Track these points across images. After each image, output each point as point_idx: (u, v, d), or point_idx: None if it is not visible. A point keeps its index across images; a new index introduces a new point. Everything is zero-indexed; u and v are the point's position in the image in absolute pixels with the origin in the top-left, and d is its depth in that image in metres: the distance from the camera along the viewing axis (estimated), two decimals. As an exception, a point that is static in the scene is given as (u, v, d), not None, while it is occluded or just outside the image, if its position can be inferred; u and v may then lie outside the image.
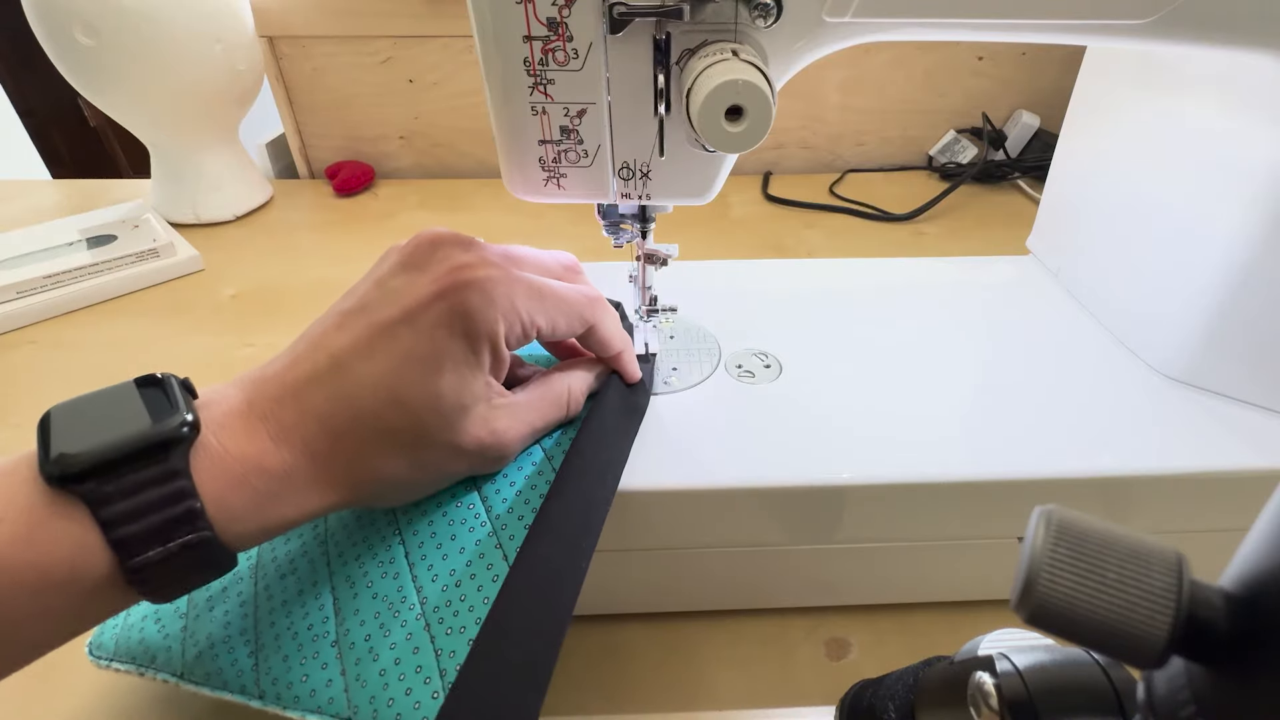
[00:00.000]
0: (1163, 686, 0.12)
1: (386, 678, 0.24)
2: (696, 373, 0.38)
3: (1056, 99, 0.81)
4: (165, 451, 0.21)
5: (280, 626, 0.26)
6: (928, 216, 0.73)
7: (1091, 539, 0.13)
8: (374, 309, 0.26)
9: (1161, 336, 0.39)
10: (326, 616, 0.26)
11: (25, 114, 1.56)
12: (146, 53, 0.63)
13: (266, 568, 0.28)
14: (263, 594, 0.27)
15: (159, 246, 0.63)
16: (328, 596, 0.26)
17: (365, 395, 0.24)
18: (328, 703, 0.24)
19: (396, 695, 0.23)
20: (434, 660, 0.24)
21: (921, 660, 0.22)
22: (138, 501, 0.20)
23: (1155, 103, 0.40)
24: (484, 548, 0.27)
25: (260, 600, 0.27)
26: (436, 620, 0.25)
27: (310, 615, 0.26)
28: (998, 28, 0.28)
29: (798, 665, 0.33)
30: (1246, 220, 0.34)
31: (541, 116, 0.29)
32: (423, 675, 0.24)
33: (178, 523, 0.21)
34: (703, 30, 0.27)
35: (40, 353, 0.54)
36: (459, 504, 0.28)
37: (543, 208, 0.76)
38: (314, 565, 0.28)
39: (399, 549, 0.27)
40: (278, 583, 0.27)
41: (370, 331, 0.25)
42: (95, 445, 0.21)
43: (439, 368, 0.25)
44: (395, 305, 0.25)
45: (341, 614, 0.26)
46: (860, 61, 0.80)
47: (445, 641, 0.24)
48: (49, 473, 0.20)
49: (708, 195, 0.33)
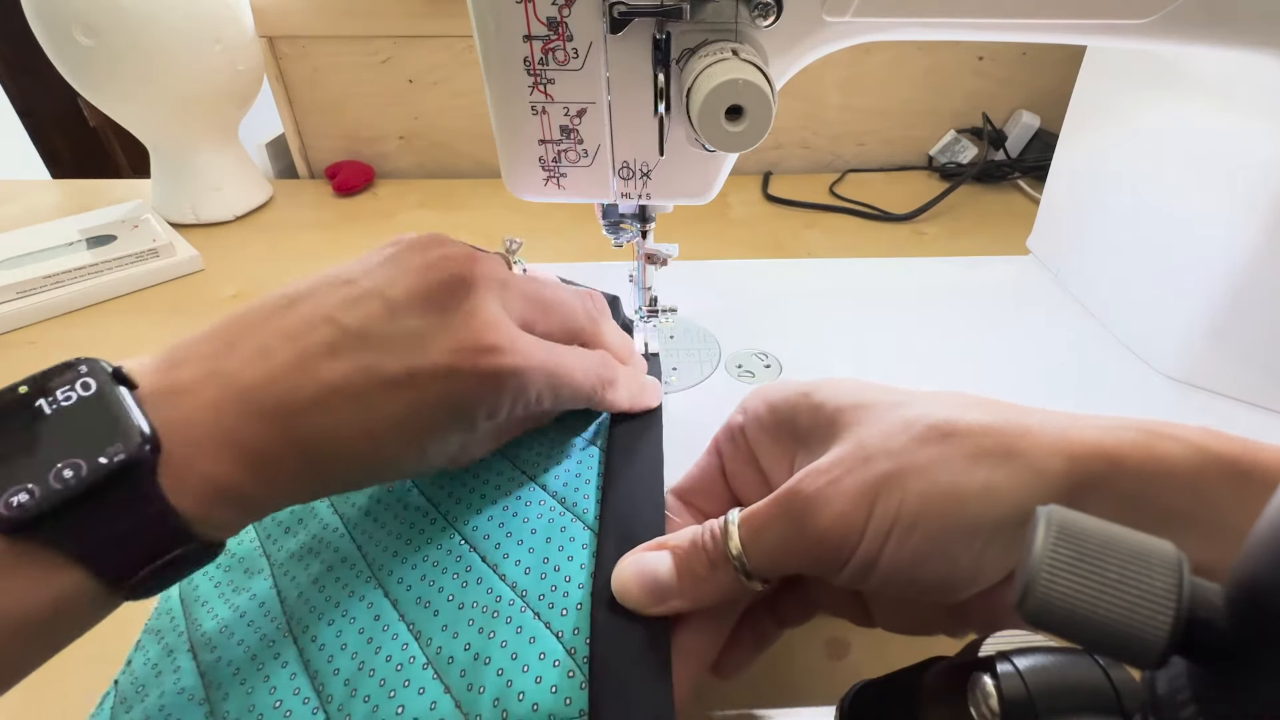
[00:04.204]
0: (1163, 687, 0.12)
1: (508, 675, 0.22)
2: (696, 373, 0.38)
3: (1056, 99, 0.81)
4: (131, 476, 0.19)
5: (348, 671, 0.24)
6: (928, 216, 0.73)
7: (1092, 539, 0.13)
8: (375, 346, 0.22)
9: (1161, 336, 0.39)
10: (406, 643, 0.24)
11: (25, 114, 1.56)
12: (146, 53, 0.63)
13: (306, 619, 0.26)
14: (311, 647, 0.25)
15: (159, 246, 0.63)
16: (400, 626, 0.24)
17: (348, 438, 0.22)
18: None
19: (526, 687, 0.22)
20: (557, 643, 0.23)
21: (921, 661, 0.22)
22: (115, 531, 0.19)
23: (1155, 103, 0.40)
24: (558, 522, 0.26)
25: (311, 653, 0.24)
26: (546, 606, 0.24)
27: (385, 649, 0.24)
28: (998, 28, 0.28)
29: (798, 665, 0.33)
30: (1246, 220, 0.34)
31: (541, 116, 0.29)
32: (550, 659, 0.22)
33: (163, 541, 0.20)
34: (703, 30, 0.27)
35: (40, 353, 0.54)
36: (515, 495, 0.28)
37: (543, 207, 0.76)
38: (372, 603, 0.25)
39: (471, 555, 0.26)
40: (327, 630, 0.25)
41: (367, 379, 0.22)
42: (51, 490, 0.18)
43: (428, 434, 0.23)
44: (401, 358, 0.22)
45: (426, 636, 0.24)
46: (860, 61, 0.80)
47: (561, 622, 0.23)
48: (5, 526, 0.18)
49: (708, 195, 0.33)
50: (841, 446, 0.22)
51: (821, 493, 0.21)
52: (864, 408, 0.23)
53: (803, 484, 0.21)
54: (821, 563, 0.21)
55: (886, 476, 0.20)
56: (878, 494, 0.20)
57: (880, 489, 0.20)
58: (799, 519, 0.21)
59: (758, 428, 0.26)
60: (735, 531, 0.22)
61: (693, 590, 0.23)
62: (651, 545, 0.24)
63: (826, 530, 0.21)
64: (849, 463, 0.21)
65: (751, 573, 0.22)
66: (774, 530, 0.22)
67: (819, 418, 0.24)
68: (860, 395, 0.23)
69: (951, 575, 0.20)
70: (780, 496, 0.22)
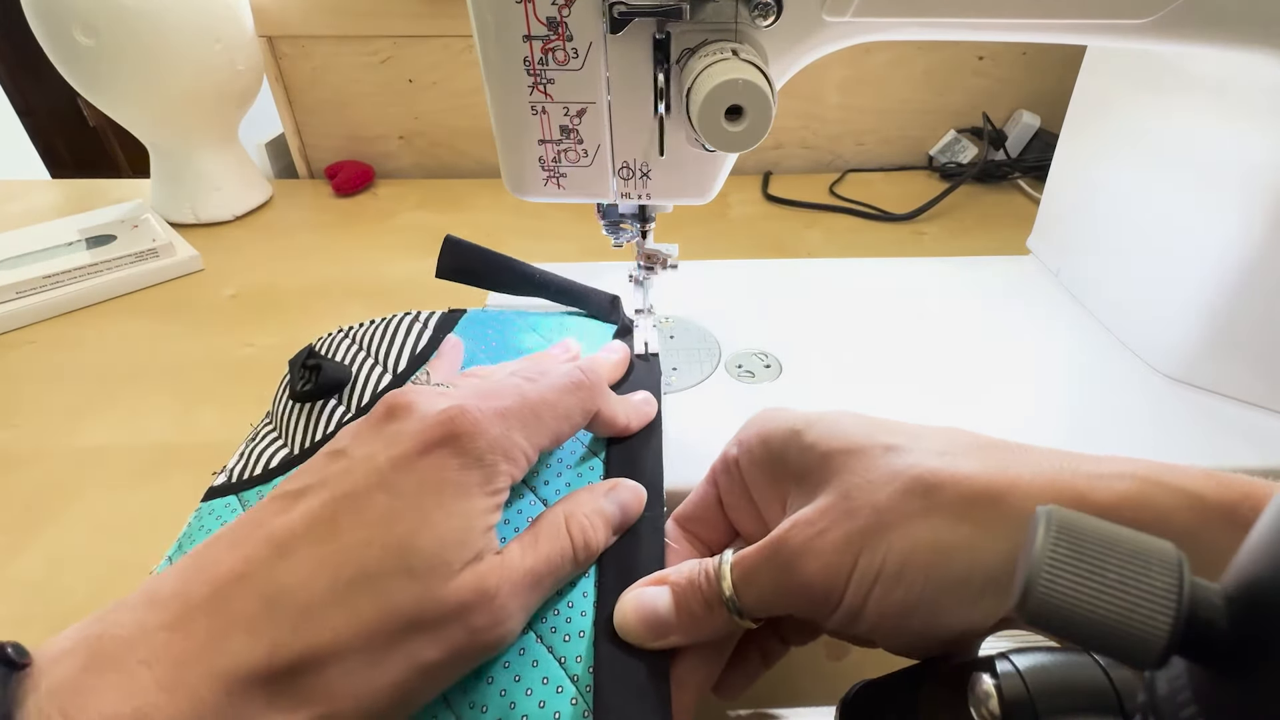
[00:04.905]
0: (1164, 687, 0.12)
1: (510, 695, 0.22)
2: (696, 373, 0.38)
3: (1057, 99, 0.81)
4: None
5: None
6: (928, 216, 0.73)
7: (1092, 539, 0.12)
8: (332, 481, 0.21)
9: (1161, 336, 0.39)
10: None
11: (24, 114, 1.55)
12: (146, 52, 0.63)
13: None
14: None
15: (158, 246, 0.63)
16: None
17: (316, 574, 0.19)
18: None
19: (529, 709, 0.22)
20: (560, 669, 0.23)
21: (921, 661, 0.22)
22: None
23: (1155, 103, 0.40)
24: None
25: None
26: (549, 631, 0.24)
27: None
28: (998, 27, 0.28)
29: (798, 665, 0.33)
30: (1246, 220, 0.34)
31: (541, 116, 0.29)
32: (553, 685, 0.22)
33: None
34: (702, 30, 0.27)
35: (39, 353, 0.54)
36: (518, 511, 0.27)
37: (543, 207, 0.76)
38: None
39: None
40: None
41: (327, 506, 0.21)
42: None
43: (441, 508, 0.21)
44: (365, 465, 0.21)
45: None
46: (860, 61, 0.80)
47: (565, 648, 0.23)
48: None
49: (708, 195, 0.33)
50: (828, 496, 0.22)
51: (808, 545, 0.21)
52: (853, 453, 0.22)
53: (790, 534, 0.22)
54: (810, 610, 0.22)
55: (870, 530, 0.21)
56: (862, 548, 0.21)
57: (865, 543, 0.21)
58: (786, 568, 0.22)
59: (750, 462, 0.26)
60: (728, 573, 0.23)
61: (690, 627, 0.23)
62: (651, 580, 0.24)
63: (811, 581, 0.21)
64: (834, 514, 0.21)
65: (743, 613, 0.23)
66: (763, 577, 0.22)
67: (809, 459, 0.23)
68: (851, 438, 0.23)
69: (939, 625, 0.21)
70: (769, 544, 0.22)
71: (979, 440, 0.22)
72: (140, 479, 0.42)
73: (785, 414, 0.25)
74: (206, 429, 0.46)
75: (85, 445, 0.44)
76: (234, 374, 0.51)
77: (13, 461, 0.43)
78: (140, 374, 0.51)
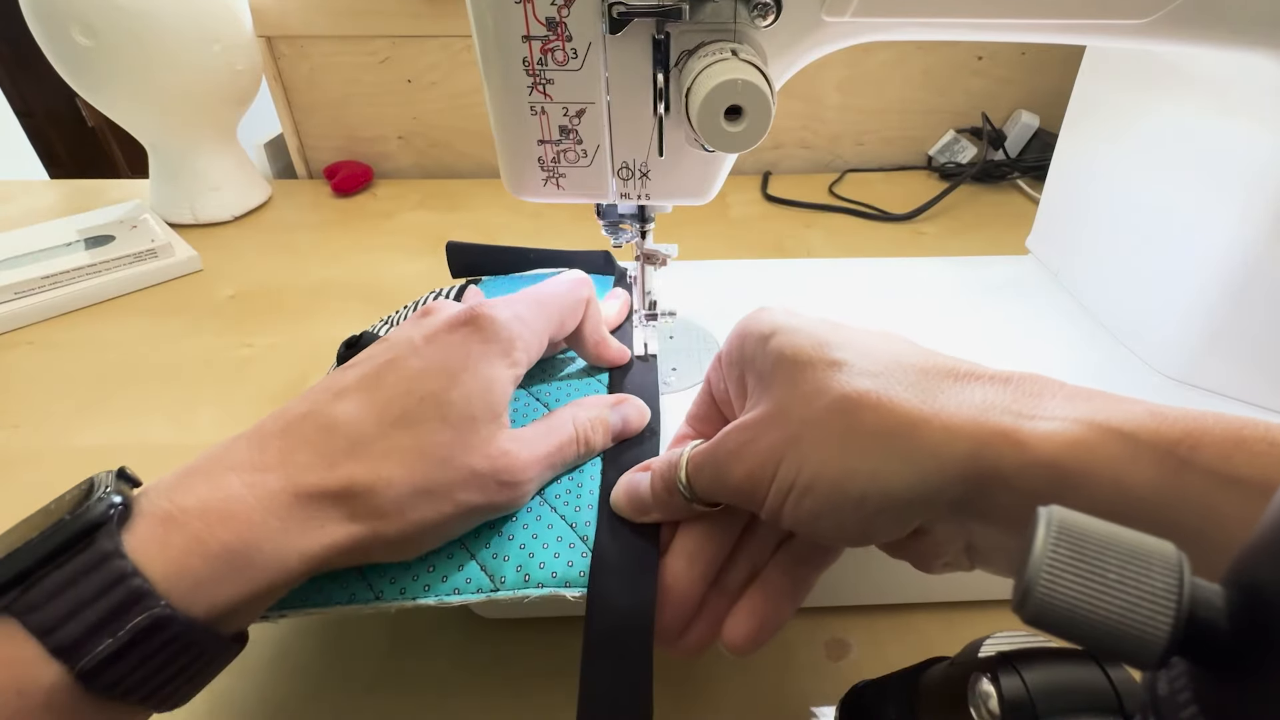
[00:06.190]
0: (1164, 688, 0.12)
1: (529, 548, 0.26)
2: (697, 373, 0.38)
3: (1056, 99, 0.81)
4: (90, 537, 0.19)
5: None
6: (927, 216, 0.73)
7: (1092, 539, 0.12)
8: (378, 355, 0.27)
9: (1161, 336, 0.39)
10: None
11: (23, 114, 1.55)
12: (144, 53, 0.63)
13: None
14: None
15: (157, 247, 0.63)
16: None
17: (391, 397, 0.25)
18: (465, 583, 0.26)
19: (546, 559, 0.26)
20: (570, 530, 0.27)
21: (921, 661, 0.22)
22: (69, 599, 0.18)
23: (1155, 102, 0.40)
24: None
25: None
26: (562, 504, 0.28)
27: None
28: (998, 27, 0.28)
29: (798, 666, 0.33)
30: (1246, 220, 0.34)
31: (541, 116, 0.29)
32: (565, 541, 0.27)
33: (122, 608, 0.18)
34: (702, 30, 0.27)
35: (38, 353, 0.54)
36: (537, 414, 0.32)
37: (542, 207, 0.76)
38: None
39: None
40: None
41: (374, 369, 0.26)
42: (3, 554, 0.19)
43: (467, 370, 0.26)
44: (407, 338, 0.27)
45: None
46: (860, 61, 0.80)
47: (574, 516, 0.28)
48: None
49: (707, 195, 0.33)
50: (766, 405, 0.24)
51: (739, 450, 0.23)
52: (800, 365, 0.23)
53: (727, 438, 0.24)
54: (743, 505, 0.24)
55: (791, 442, 0.22)
56: (781, 459, 0.22)
57: (784, 455, 0.22)
58: (721, 468, 0.24)
59: (729, 362, 0.28)
60: (684, 465, 0.25)
61: (664, 507, 0.26)
62: (641, 467, 0.28)
63: (739, 484, 0.23)
64: (765, 424, 0.23)
65: (694, 499, 0.25)
66: (705, 473, 0.25)
67: (766, 365, 0.25)
68: (802, 350, 0.24)
69: (844, 534, 0.22)
70: (713, 444, 0.25)
71: (927, 364, 0.23)
72: (139, 479, 0.42)
73: (766, 316, 0.26)
74: (206, 429, 0.46)
75: (85, 445, 0.44)
76: (233, 374, 0.51)
77: (13, 461, 0.43)
78: (139, 374, 0.51)
